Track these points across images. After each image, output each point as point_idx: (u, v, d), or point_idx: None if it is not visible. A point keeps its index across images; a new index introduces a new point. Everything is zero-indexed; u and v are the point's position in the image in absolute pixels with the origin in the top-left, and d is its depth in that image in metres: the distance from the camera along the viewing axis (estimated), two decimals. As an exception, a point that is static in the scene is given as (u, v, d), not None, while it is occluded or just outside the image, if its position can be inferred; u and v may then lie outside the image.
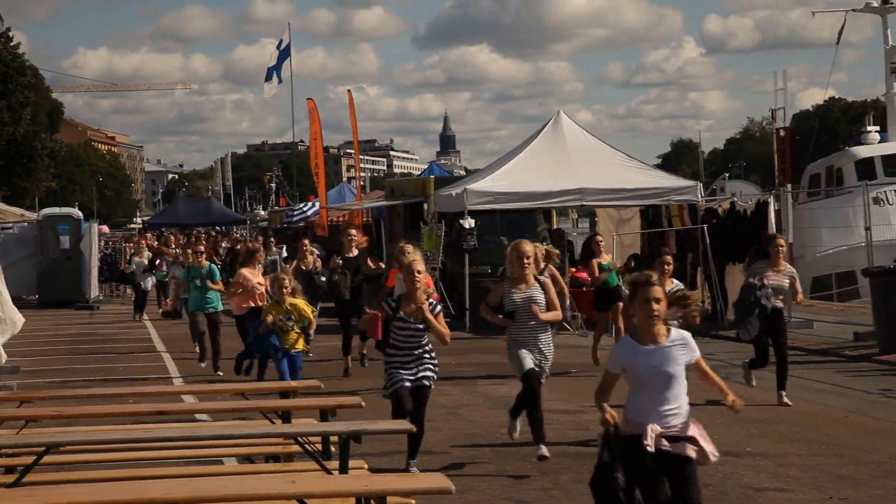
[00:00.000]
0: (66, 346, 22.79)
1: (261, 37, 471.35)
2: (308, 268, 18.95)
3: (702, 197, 25.38)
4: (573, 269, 23.90)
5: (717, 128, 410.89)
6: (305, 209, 48.55)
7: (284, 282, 13.77)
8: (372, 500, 6.85)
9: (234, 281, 17.11)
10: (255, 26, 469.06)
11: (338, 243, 20.72)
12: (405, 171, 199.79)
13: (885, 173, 32.64)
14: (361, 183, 56.13)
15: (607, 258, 18.47)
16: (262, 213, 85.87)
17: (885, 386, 15.69)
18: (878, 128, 36.51)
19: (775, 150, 42.66)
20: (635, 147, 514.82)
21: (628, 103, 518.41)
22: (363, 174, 57.99)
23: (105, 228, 55.86)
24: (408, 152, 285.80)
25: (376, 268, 18.12)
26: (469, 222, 23.75)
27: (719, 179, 71.35)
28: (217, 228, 57.02)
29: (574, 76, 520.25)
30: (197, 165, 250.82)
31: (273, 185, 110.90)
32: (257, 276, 17.02)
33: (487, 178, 25.18)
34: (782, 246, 14.23)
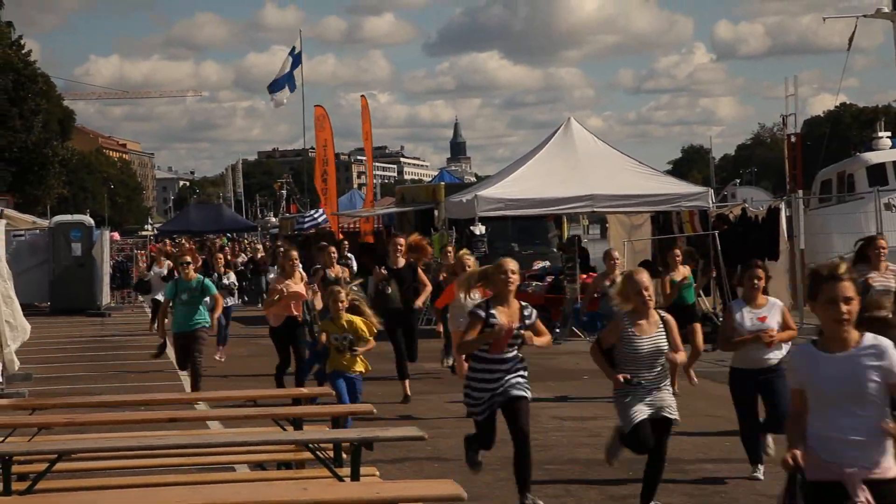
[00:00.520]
0: (78, 353, 22.84)
1: (272, 44, 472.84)
2: (337, 276, 16.63)
3: (713, 203, 25.36)
4: (584, 276, 23.89)
5: (728, 134, 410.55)
6: (316, 216, 48.58)
7: (339, 296, 12.20)
8: (383, 507, 6.85)
9: (271, 288, 15.72)
10: (265, 33, 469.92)
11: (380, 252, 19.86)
12: (416, 178, 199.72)
13: (896, 179, 32.53)
14: (367, 190, 56.18)
15: (683, 272, 16.32)
16: (273, 219, 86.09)
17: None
18: (889, 133, 36.37)
19: (786, 155, 42.56)
20: (646, 153, 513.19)
21: (639, 109, 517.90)
22: (374, 181, 57.93)
23: (116, 236, 56.01)
24: (418, 159, 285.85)
25: (425, 284, 16.58)
26: (480, 229, 23.76)
27: (730, 185, 71.08)
28: (228, 235, 57.09)
29: (584, 82, 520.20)
30: (208, 172, 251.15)
31: (284, 191, 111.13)
32: (298, 285, 15.35)
33: (498, 185, 25.18)
34: (884, 248, 13.05)
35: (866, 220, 25.58)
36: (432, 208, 29.70)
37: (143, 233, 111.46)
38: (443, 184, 33.08)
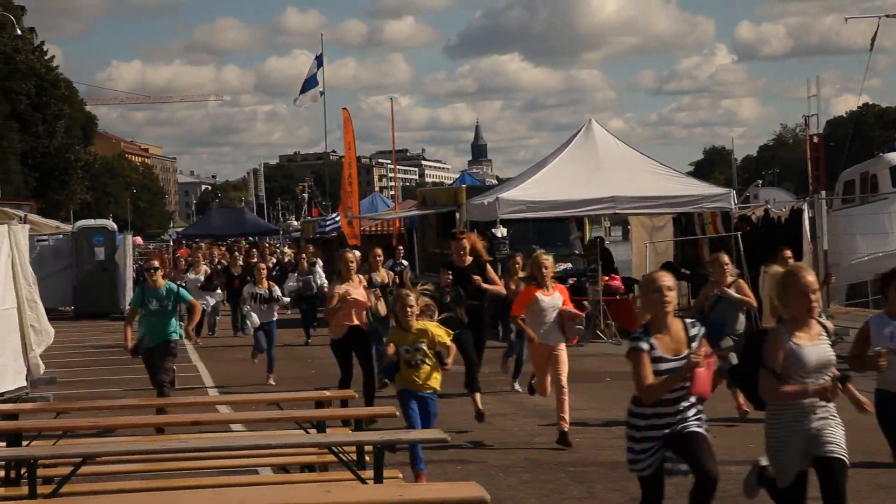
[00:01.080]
0: (102, 357, 22.90)
1: (293, 48, 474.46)
2: (383, 281, 15.85)
3: (735, 204, 25.29)
4: (606, 278, 23.86)
5: (750, 135, 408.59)
6: (338, 219, 48.64)
7: (409, 300, 10.42)
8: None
9: (329, 294, 14.13)
10: (287, 37, 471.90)
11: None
12: (437, 181, 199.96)
13: (920, 179, 32.39)
14: (394, 192, 56.21)
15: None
16: (295, 223, 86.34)
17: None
18: (912, 133, 36.24)
19: (809, 156, 42.42)
20: (668, 155, 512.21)
21: (660, 111, 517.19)
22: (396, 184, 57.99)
23: (139, 240, 56.17)
24: (439, 161, 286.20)
25: (496, 286, 15.29)
26: (501, 231, 23.72)
27: (752, 186, 70.99)
28: (250, 238, 57.23)
29: (605, 84, 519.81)
30: (230, 176, 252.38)
31: (305, 195, 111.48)
32: (358, 290, 13.93)
33: (519, 187, 25.16)
34: None
35: (890, 220, 25.50)
36: (454, 211, 29.65)
37: (165, 237, 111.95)
38: (464, 186, 33.01)
